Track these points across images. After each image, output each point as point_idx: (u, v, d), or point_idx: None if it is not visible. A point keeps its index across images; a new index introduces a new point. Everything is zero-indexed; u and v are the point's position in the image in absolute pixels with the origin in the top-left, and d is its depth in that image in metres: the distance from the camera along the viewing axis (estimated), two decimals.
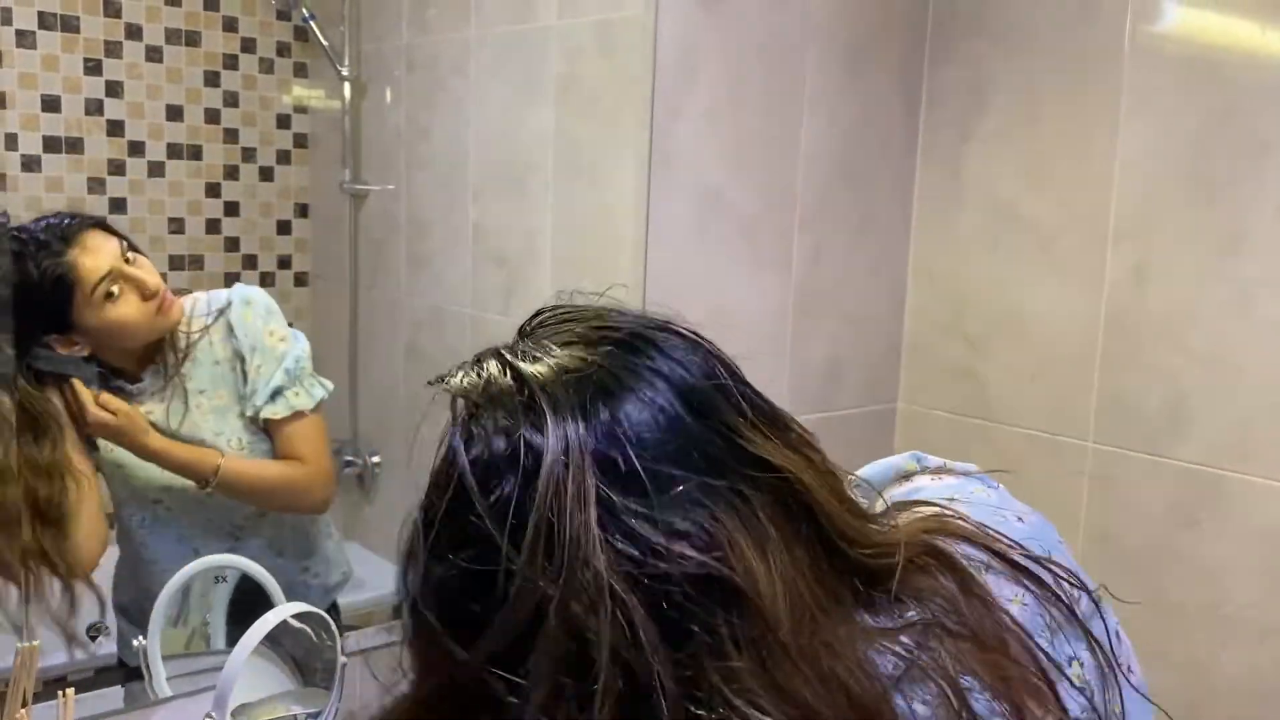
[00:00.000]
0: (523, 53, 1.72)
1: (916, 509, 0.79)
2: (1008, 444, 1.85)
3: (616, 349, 0.71)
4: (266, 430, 1.47)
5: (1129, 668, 0.79)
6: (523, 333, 0.74)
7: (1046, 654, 0.73)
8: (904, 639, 0.69)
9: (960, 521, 0.78)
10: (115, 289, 1.33)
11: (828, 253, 1.85)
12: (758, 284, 1.77)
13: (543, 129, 1.71)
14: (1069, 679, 0.74)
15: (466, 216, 1.77)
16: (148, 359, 1.41)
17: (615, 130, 1.65)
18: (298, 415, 1.47)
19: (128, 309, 1.34)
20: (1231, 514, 1.60)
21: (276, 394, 1.46)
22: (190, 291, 1.49)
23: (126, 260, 1.34)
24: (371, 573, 1.75)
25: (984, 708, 0.68)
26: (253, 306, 1.46)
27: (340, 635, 1.24)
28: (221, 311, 1.45)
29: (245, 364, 1.44)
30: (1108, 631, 0.78)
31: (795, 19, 1.74)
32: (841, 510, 0.72)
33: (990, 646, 0.71)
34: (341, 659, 1.22)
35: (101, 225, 1.35)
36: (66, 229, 1.32)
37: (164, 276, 1.40)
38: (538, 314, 0.76)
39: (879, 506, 0.78)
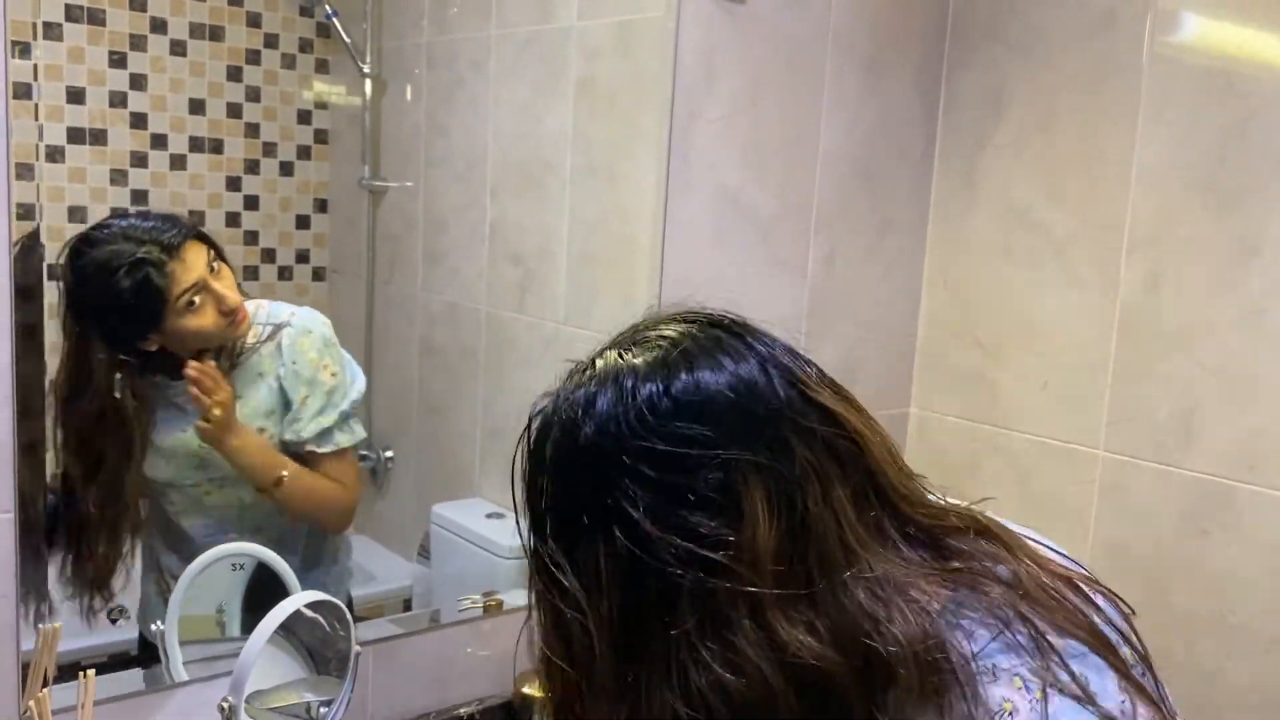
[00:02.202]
0: (542, 52, 1.73)
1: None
2: (1019, 450, 1.85)
3: (701, 325, 0.82)
4: (301, 457, 1.50)
5: None
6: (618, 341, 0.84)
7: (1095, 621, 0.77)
8: (953, 577, 0.74)
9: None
10: (197, 299, 1.37)
11: (843, 257, 1.86)
12: (773, 286, 1.78)
13: (561, 128, 1.72)
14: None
15: (484, 214, 1.78)
16: (196, 356, 1.43)
17: (633, 131, 1.66)
18: (341, 451, 1.52)
19: (204, 320, 1.38)
20: (1241, 524, 1.60)
21: (325, 432, 1.50)
22: (252, 297, 1.51)
23: (212, 270, 1.38)
24: (383, 567, 1.76)
25: (1026, 640, 0.72)
26: (311, 337, 1.50)
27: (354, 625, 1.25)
28: (278, 328, 1.48)
29: (288, 390, 1.48)
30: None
31: (815, 24, 1.74)
32: (894, 467, 0.78)
33: (1041, 601, 0.75)
34: (355, 648, 1.23)
35: (199, 235, 1.39)
36: (171, 239, 1.35)
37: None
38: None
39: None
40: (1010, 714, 0.68)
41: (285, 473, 1.48)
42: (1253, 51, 1.58)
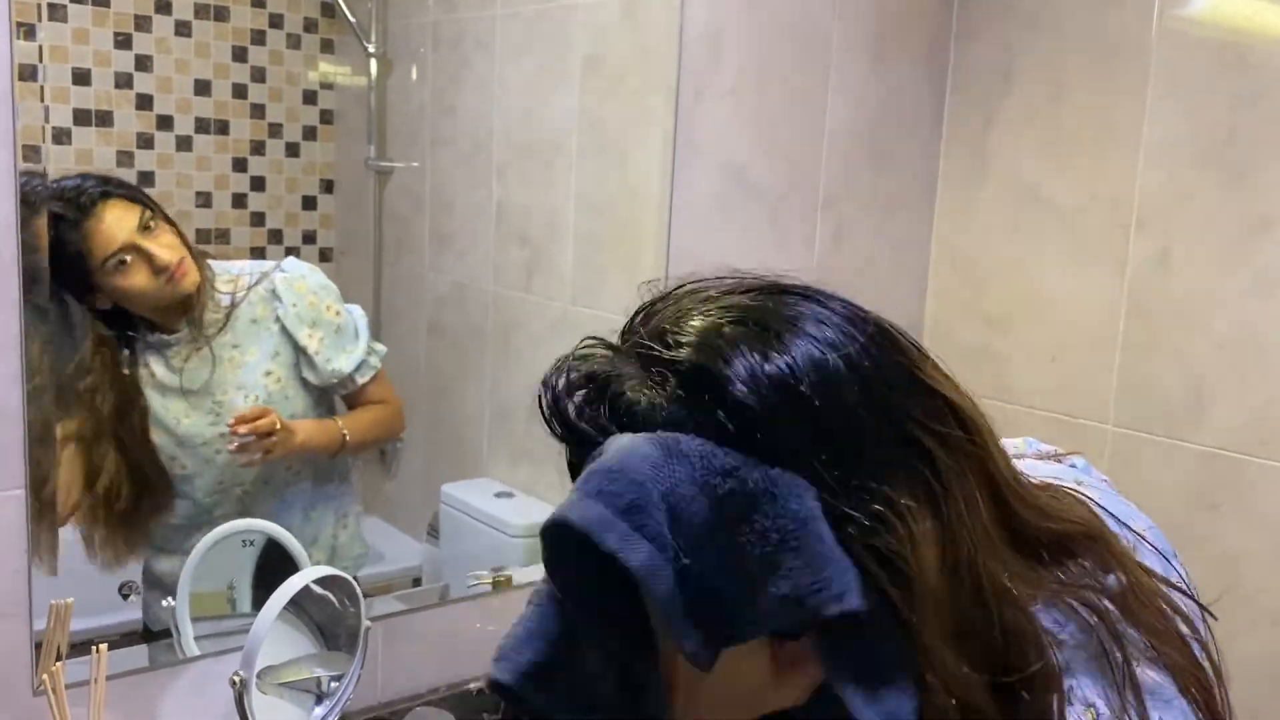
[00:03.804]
0: (549, 31, 1.72)
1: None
2: (1027, 426, 1.84)
3: (770, 294, 0.68)
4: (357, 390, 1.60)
5: None
6: (634, 329, 0.68)
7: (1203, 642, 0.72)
8: (1062, 590, 0.67)
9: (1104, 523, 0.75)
10: (128, 258, 1.36)
11: (850, 233, 1.86)
12: (780, 264, 1.75)
13: (567, 107, 1.72)
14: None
15: (490, 194, 1.78)
16: (181, 313, 1.44)
17: (640, 109, 1.65)
18: (377, 374, 1.61)
19: (137, 279, 1.38)
20: (1250, 499, 1.60)
21: (361, 364, 1.57)
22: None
23: (147, 227, 1.37)
24: (392, 546, 1.77)
25: (1117, 668, 0.66)
26: (307, 281, 1.55)
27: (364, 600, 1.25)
28: (265, 274, 1.51)
29: (293, 331, 1.51)
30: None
31: (820, 0, 1.74)
32: (1008, 464, 0.68)
33: (1145, 622, 0.69)
34: (365, 623, 1.23)
35: (124, 194, 1.38)
36: (88, 196, 1.35)
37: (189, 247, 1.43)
38: (646, 307, 0.70)
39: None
40: None
41: (346, 433, 1.56)
42: (1262, 25, 1.57)
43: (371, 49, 1.71)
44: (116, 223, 1.35)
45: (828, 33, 1.76)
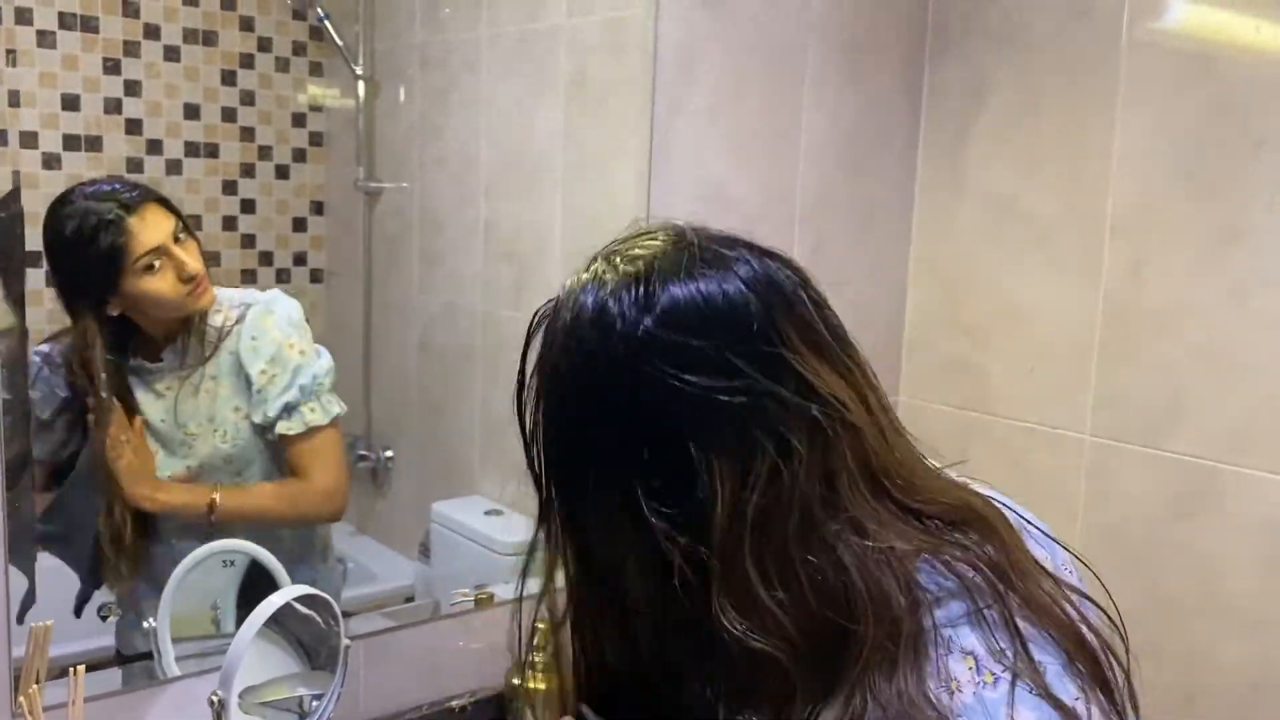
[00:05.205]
0: (533, 51, 1.73)
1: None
2: (1007, 437, 1.85)
3: (693, 243, 0.77)
4: (279, 440, 1.49)
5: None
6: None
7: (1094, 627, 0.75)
8: (937, 544, 0.71)
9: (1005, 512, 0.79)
10: (157, 263, 1.39)
11: (829, 247, 1.86)
12: None
13: (553, 126, 1.73)
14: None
15: (478, 213, 1.79)
16: (170, 338, 1.45)
17: (624, 127, 1.66)
18: (311, 431, 1.49)
19: (162, 284, 1.40)
20: (1227, 506, 1.60)
21: (290, 409, 1.47)
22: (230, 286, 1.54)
23: (177, 239, 1.40)
24: (383, 565, 1.77)
25: (996, 618, 0.70)
26: (274, 316, 1.48)
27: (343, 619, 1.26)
28: (248, 308, 1.49)
29: (246, 365, 1.46)
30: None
31: (794, 17, 1.75)
32: (889, 450, 0.75)
33: (1031, 598, 0.72)
34: (345, 641, 1.24)
35: (162, 201, 1.42)
36: (130, 198, 1.39)
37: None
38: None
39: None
40: (954, 693, 0.67)
41: (216, 495, 1.45)
42: (1230, 36, 1.58)
43: (359, 71, 1.72)
44: (155, 224, 1.39)
45: (802, 49, 1.77)
